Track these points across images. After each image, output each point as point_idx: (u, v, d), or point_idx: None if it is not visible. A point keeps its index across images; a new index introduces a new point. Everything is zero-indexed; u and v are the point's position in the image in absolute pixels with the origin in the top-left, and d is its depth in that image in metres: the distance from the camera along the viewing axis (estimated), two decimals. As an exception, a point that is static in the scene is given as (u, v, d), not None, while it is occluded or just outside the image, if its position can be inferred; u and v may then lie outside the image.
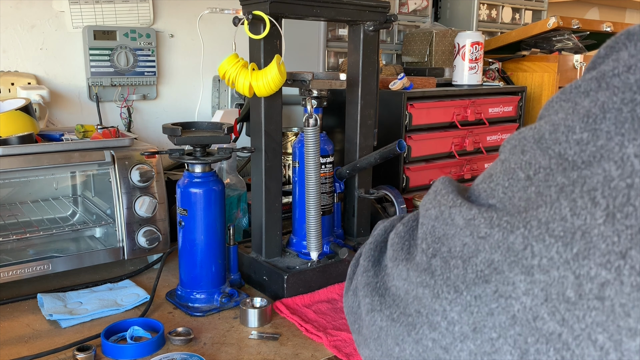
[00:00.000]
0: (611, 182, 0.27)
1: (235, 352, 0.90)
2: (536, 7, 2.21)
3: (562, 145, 0.30)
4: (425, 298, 0.36)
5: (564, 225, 0.29)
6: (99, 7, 1.49)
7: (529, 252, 0.30)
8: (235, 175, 1.36)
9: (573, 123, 0.30)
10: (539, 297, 0.30)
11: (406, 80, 1.45)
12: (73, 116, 1.52)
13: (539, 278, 0.29)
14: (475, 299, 0.33)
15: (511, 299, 0.31)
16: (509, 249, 0.31)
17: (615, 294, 0.27)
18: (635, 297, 0.26)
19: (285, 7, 1.04)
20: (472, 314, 0.33)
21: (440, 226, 0.36)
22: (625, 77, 0.29)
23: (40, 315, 1.01)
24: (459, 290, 0.33)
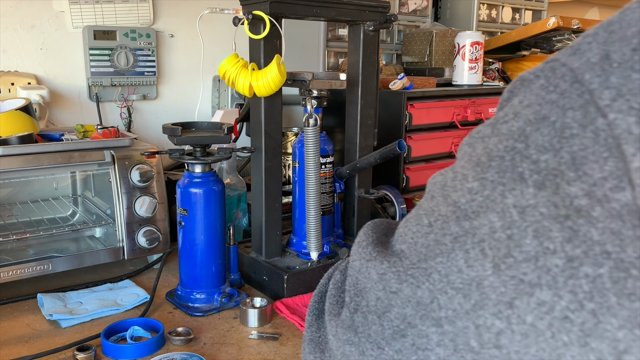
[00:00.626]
0: (494, 233, 0.28)
1: (235, 352, 0.90)
2: (536, 7, 2.21)
3: (457, 194, 0.31)
4: (352, 355, 0.36)
5: (461, 276, 0.30)
6: (99, 7, 1.49)
7: (436, 305, 0.31)
8: (235, 175, 1.36)
9: (467, 171, 0.31)
10: (449, 347, 0.30)
11: (406, 80, 1.45)
12: (73, 116, 1.52)
13: (447, 329, 0.30)
14: (397, 353, 0.33)
15: (427, 351, 0.32)
16: (419, 303, 0.32)
17: (509, 342, 0.28)
18: (524, 344, 0.27)
19: (285, 7, 1.04)
20: None
21: (362, 279, 0.36)
22: (511, 125, 0.29)
23: (40, 315, 1.01)
24: (381, 346, 0.34)
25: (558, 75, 0.28)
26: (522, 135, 0.28)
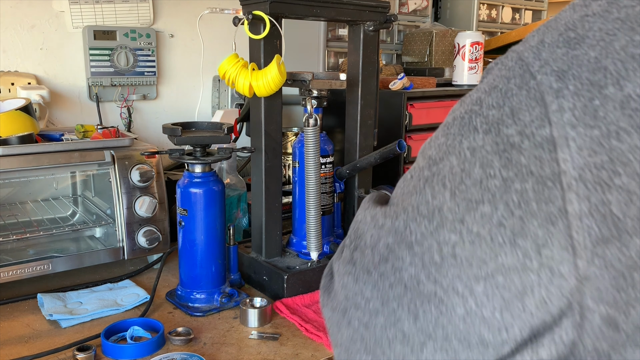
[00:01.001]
0: (452, 169, 0.37)
1: (235, 352, 0.90)
2: (536, 7, 2.21)
3: (430, 150, 0.40)
4: (349, 284, 0.44)
5: (427, 206, 0.38)
6: (99, 7, 1.49)
7: (408, 231, 0.39)
8: (235, 175, 1.36)
9: (438, 132, 0.41)
10: (418, 265, 0.38)
11: (406, 80, 1.45)
12: (73, 116, 1.52)
13: (417, 250, 0.38)
14: (380, 276, 0.40)
15: (402, 271, 0.39)
16: (397, 232, 0.40)
17: (462, 250, 0.36)
18: (472, 250, 0.35)
19: (285, 7, 1.04)
20: (379, 290, 0.41)
21: (360, 225, 0.45)
22: (471, 96, 0.39)
23: (40, 315, 1.01)
24: (370, 271, 0.42)
25: (508, 58, 0.38)
26: (478, 100, 0.38)
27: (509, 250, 0.34)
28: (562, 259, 0.33)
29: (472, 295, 0.36)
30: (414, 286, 0.38)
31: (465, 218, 0.36)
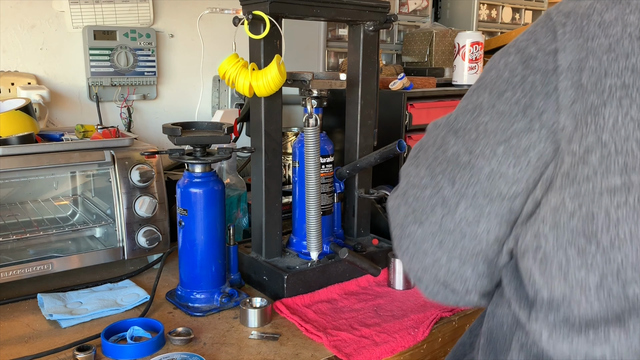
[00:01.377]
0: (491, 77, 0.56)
1: (235, 352, 0.90)
2: (536, 7, 2.21)
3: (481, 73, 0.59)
4: (411, 171, 0.61)
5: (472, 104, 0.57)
6: (99, 7, 1.49)
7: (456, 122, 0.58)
8: (235, 175, 1.36)
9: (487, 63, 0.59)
10: (459, 144, 0.56)
11: (406, 80, 1.45)
12: (73, 116, 1.52)
13: (460, 133, 0.56)
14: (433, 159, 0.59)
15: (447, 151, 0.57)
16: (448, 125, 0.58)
17: (491, 125, 0.53)
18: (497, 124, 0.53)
19: (285, 7, 1.04)
20: (431, 168, 0.58)
21: (424, 138, 0.62)
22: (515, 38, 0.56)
23: (40, 315, 1.01)
24: (427, 157, 0.59)
25: (542, 14, 0.55)
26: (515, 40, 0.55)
27: (521, 118, 0.51)
28: (554, 119, 0.49)
29: (495, 156, 0.53)
30: (454, 160, 0.56)
31: (495, 103, 0.53)
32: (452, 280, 0.58)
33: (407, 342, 0.94)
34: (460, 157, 0.55)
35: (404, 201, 0.60)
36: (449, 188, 0.55)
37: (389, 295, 1.11)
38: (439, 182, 0.56)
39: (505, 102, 0.52)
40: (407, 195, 0.60)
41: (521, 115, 0.51)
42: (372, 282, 1.16)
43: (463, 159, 0.55)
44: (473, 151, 0.54)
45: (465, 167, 0.54)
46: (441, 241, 0.57)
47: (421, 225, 0.58)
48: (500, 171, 0.52)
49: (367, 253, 1.19)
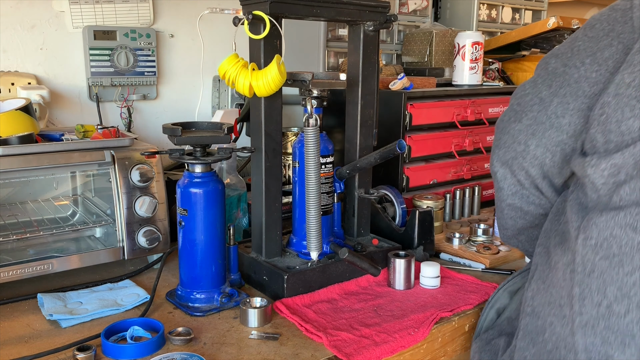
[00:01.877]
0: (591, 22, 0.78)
1: (235, 352, 0.90)
2: (536, 7, 2.21)
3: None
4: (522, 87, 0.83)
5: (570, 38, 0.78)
6: (99, 7, 1.50)
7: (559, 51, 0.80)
8: (235, 175, 1.36)
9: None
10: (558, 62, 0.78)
11: (406, 80, 1.45)
12: (73, 116, 1.52)
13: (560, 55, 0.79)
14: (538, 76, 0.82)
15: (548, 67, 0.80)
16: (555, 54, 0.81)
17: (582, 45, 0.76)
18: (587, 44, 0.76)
19: (285, 7, 1.04)
20: (534, 81, 0.80)
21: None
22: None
23: (40, 315, 1.01)
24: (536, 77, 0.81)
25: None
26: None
27: (605, 39, 0.72)
28: (629, 37, 0.70)
29: (583, 65, 0.73)
30: (552, 72, 0.77)
31: (587, 33, 0.75)
32: (532, 166, 0.78)
33: (407, 342, 0.94)
34: (557, 69, 0.76)
35: (509, 109, 0.82)
36: (546, 91, 0.77)
37: (389, 295, 1.11)
38: (539, 89, 0.78)
39: (595, 30, 0.74)
40: (512, 105, 0.82)
41: (605, 37, 0.72)
42: (372, 282, 1.16)
43: (559, 70, 0.76)
44: (567, 64, 0.75)
45: (561, 75, 0.76)
46: (534, 131, 0.78)
47: (520, 121, 0.79)
48: (586, 75, 0.73)
49: (367, 253, 1.19)
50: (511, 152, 0.80)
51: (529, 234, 0.89)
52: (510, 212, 0.85)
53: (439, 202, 1.42)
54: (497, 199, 0.87)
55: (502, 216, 0.88)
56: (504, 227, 0.90)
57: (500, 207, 0.87)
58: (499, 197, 0.86)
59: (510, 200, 0.83)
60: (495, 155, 0.84)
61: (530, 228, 0.88)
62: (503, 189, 0.83)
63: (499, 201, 0.86)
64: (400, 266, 1.13)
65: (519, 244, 0.92)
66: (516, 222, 0.87)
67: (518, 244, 0.92)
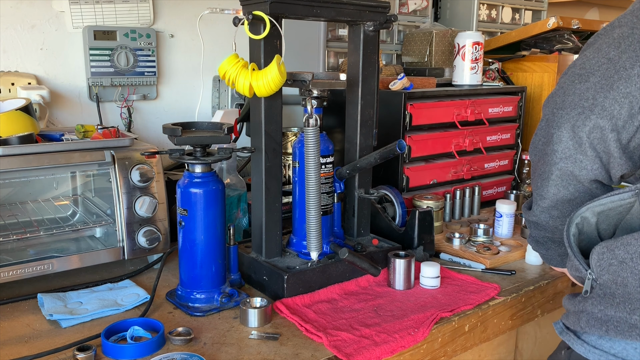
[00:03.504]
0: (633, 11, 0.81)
1: (235, 352, 0.90)
2: (536, 7, 2.21)
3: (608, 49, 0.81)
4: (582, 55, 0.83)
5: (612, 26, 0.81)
6: (99, 7, 1.50)
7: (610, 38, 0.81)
8: (235, 175, 1.36)
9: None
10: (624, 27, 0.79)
11: (406, 80, 1.45)
12: (73, 116, 1.52)
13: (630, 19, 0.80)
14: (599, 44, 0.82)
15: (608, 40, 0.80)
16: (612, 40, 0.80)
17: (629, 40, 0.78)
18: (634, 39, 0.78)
19: (285, 7, 1.04)
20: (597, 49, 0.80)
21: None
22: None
23: (41, 315, 1.01)
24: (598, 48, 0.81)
25: None
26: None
27: None
28: None
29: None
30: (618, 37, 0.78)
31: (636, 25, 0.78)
32: (600, 117, 0.77)
33: (407, 342, 0.94)
34: (624, 33, 0.77)
35: (565, 78, 0.82)
36: (615, 51, 0.77)
37: (389, 295, 1.11)
38: (604, 51, 0.78)
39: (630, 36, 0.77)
40: (570, 73, 0.81)
41: None
42: (372, 282, 1.16)
43: (626, 33, 0.76)
44: (635, 27, 0.76)
45: (629, 36, 0.76)
46: (602, 86, 0.76)
47: (587, 81, 0.78)
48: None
49: (367, 253, 1.19)
50: (577, 108, 0.78)
51: (563, 208, 0.87)
52: (558, 178, 0.84)
53: (439, 202, 1.42)
54: (546, 164, 0.85)
55: (547, 184, 0.86)
56: (543, 196, 0.88)
57: (547, 172, 0.85)
58: (547, 161, 0.84)
59: (563, 164, 0.82)
60: (556, 117, 0.82)
61: (567, 202, 0.86)
62: (557, 152, 0.82)
63: (548, 166, 0.84)
64: (400, 266, 1.13)
65: (550, 219, 0.90)
66: (559, 190, 0.85)
67: (549, 219, 0.90)
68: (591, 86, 0.78)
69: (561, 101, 0.82)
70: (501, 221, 1.41)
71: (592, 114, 0.77)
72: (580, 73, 0.80)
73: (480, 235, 1.37)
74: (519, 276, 1.22)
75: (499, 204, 1.41)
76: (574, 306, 0.85)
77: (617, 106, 0.76)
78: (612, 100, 0.76)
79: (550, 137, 0.83)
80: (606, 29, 0.82)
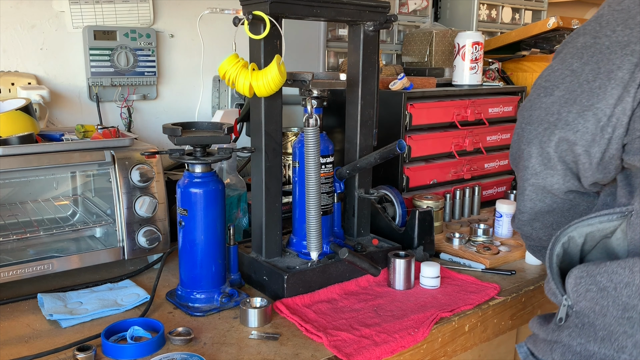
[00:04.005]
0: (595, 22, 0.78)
1: (235, 352, 0.90)
2: (536, 7, 2.21)
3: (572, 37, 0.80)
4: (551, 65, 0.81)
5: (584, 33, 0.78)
6: (99, 7, 1.50)
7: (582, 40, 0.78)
8: (235, 175, 1.36)
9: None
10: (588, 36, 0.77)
11: (406, 80, 1.45)
12: (73, 116, 1.52)
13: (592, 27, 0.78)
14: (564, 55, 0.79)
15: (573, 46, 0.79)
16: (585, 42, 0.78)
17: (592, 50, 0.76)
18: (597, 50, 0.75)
19: (285, 7, 1.04)
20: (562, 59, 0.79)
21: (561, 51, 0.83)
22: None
23: (41, 315, 1.01)
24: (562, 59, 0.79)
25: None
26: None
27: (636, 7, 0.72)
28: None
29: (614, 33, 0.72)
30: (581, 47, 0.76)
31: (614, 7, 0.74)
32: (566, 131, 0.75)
33: (407, 342, 0.94)
34: (587, 42, 0.75)
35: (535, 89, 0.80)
36: (578, 62, 0.75)
37: (389, 295, 1.11)
38: (569, 62, 0.76)
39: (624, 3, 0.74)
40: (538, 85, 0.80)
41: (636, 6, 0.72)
42: (372, 282, 1.16)
43: (589, 42, 0.74)
44: (597, 36, 0.74)
45: (591, 46, 0.74)
46: (566, 100, 0.75)
47: (551, 95, 0.77)
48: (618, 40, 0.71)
49: (367, 253, 1.19)
50: (544, 124, 0.78)
51: (544, 220, 0.86)
52: (532, 193, 0.83)
53: (439, 202, 1.42)
54: (520, 179, 0.85)
55: (523, 198, 0.86)
56: (521, 210, 0.87)
57: (522, 188, 0.85)
58: (521, 177, 0.84)
59: (534, 180, 0.81)
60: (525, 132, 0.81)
61: (546, 213, 0.85)
62: (528, 168, 0.81)
63: (522, 181, 0.84)
64: (400, 266, 1.13)
65: (532, 231, 0.89)
66: (535, 204, 0.84)
67: (532, 231, 0.89)
68: (556, 100, 0.77)
69: (529, 115, 0.81)
70: (501, 221, 1.41)
71: (556, 128, 0.77)
72: (545, 86, 0.79)
73: (480, 235, 1.37)
74: (519, 276, 1.22)
75: (499, 204, 1.41)
76: (546, 334, 0.78)
77: (581, 120, 0.74)
78: (576, 114, 0.75)
79: (521, 152, 0.82)
80: (572, 37, 0.80)
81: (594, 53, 0.74)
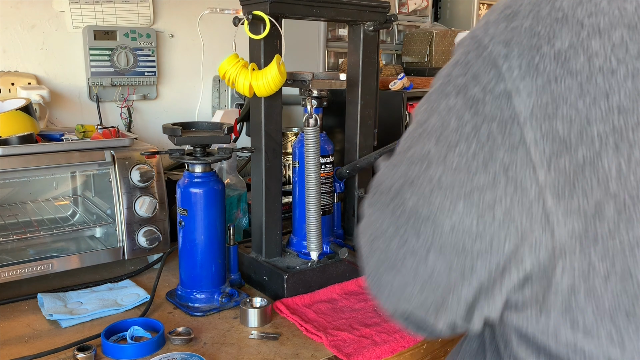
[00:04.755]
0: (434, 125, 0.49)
1: (235, 352, 0.90)
2: (536, 7, 2.20)
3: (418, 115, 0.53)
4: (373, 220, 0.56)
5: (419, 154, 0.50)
6: (99, 7, 1.50)
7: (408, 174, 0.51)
8: (235, 175, 1.36)
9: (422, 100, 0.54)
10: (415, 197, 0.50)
11: (406, 80, 1.45)
12: (73, 116, 1.52)
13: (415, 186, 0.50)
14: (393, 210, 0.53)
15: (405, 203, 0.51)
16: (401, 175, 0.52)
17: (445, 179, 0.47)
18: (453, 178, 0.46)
19: (285, 7, 1.04)
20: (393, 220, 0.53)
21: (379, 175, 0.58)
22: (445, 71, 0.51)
23: (41, 315, 1.01)
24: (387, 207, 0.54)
25: (465, 38, 0.48)
26: (447, 74, 0.48)
27: (482, 174, 0.44)
28: (523, 175, 0.43)
29: (455, 212, 0.46)
30: (414, 213, 0.50)
31: (447, 156, 0.47)
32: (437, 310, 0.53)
33: (407, 342, 0.94)
34: (419, 210, 0.50)
35: (372, 251, 0.57)
36: (414, 240, 0.51)
37: (389, 295, 1.11)
38: (403, 235, 0.52)
39: (459, 156, 0.46)
40: (374, 246, 0.57)
41: (482, 170, 0.44)
42: (372, 282, 1.16)
43: (423, 213, 0.50)
44: (431, 205, 0.49)
45: (426, 220, 0.50)
46: (421, 285, 0.53)
47: (398, 273, 0.54)
48: (464, 227, 0.47)
49: (367, 253, 1.19)
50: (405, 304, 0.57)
51: None
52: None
53: (439, 202, 1.42)
54: None
55: None
56: None
57: None
58: None
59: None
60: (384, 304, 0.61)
61: None
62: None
63: None
64: (400, 266, 1.13)
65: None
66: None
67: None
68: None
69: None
70: (501, 221, 1.40)
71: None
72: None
73: (480, 235, 1.37)
74: (519, 276, 1.22)
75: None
76: None
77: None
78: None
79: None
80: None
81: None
